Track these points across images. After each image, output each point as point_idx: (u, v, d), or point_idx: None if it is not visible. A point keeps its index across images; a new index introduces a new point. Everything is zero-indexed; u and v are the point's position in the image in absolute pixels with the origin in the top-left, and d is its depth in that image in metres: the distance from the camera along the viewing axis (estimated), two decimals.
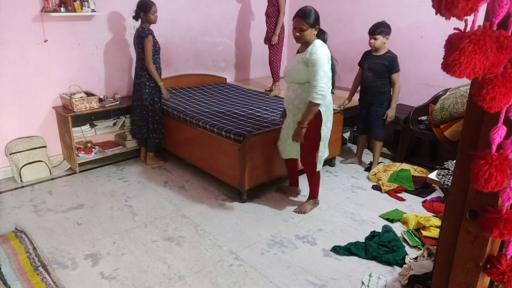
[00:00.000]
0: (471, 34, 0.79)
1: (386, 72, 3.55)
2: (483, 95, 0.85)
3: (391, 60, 3.52)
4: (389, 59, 3.52)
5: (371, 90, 3.67)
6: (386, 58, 3.53)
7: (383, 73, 3.56)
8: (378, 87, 3.62)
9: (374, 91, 3.65)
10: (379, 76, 3.58)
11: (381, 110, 3.67)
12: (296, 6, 5.40)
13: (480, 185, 0.92)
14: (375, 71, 3.58)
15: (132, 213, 3.11)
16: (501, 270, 1.07)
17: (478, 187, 0.93)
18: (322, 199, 3.37)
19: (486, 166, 0.90)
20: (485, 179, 0.91)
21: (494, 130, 0.93)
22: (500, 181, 0.90)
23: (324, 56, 2.67)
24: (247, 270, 2.48)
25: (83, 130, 3.86)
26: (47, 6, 3.49)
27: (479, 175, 0.91)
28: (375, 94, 3.66)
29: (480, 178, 0.91)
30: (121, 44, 4.15)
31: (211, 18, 4.86)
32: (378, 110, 3.69)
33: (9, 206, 3.21)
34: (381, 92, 3.64)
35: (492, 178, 0.90)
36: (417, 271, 2.33)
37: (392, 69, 3.52)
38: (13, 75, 3.53)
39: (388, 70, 3.53)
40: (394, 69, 3.52)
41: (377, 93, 3.65)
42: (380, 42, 3.49)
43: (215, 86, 4.88)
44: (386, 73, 3.55)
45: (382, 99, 3.66)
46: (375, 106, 3.69)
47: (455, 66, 0.79)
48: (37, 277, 2.35)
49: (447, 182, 1.93)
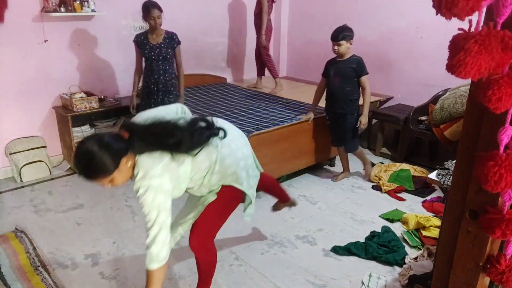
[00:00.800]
0: (476, 34, 0.78)
1: (355, 77, 3.32)
2: (489, 96, 0.84)
3: (358, 62, 3.30)
4: (356, 62, 3.30)
5: (340, 98, 3.40)
6: (353, 61, 3.31)
7: (351, 77, 3.33)
8: (347, 94, 3.37)
9: (343, 98, 3.39)
10: (347, 81, 3.35)
11: (353, 120, 3.42)
12: (296, 6, 5.44)
13: (490, 186, 0.91)
14: (342, 76, 3.35)
15: (132, 213, 3.11)
16: (500, 270, 1.07)
17: (488, 188, 0.92)
18: (322, 199, 3.37)
19: (496, 167, 0.89)
20: (495, 181, 0.90)
21: (502, 131, 0.92)
22: (510, 182, 0.90)
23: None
24: (247, 270, 2.48)
25: (83, 130, 3.86)
26: (47, 6, 3.49)
27: (488, 176, 0.90)
28: (345, 102, 3.40)
29: (490, 179, 0.90)
30: (121, 44, 4.15)
31: (211, 18, 4.86)
32: (349, 120, 3.43)
33: (9, 206, 3.21)
34: (351, 100, 3.40)
35: (502, 179, 0.89)
36: (417, 271, 2.33)
37: (361, 72, 3.30)
38: (13, 75, 3.53)
39: (356, 73, 3.31)
40: (363, 72, 3.30)
41: (347, 101, 3.39)
42: (345, 48, 3.25)
43: (215, 86, 4.88)
44: (355, 77, 3.32)
45: (352, 108, 3.41)
46: (346, 116, 3.43)
47: (460, 66, 0.78)
48: (37, 277, 2.35)
49: (447, 182, 1.93)
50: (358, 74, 3.32)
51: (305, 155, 3.63)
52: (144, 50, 3.44)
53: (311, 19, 5.19)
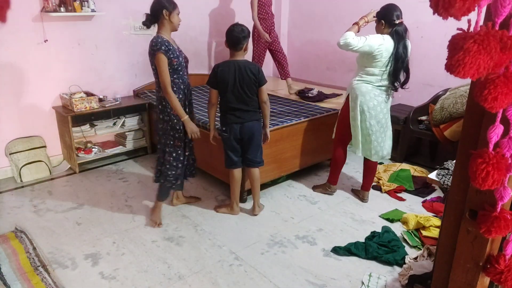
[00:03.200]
0: (475, 34, 0.78)
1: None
2: (485, 95, 0.85)
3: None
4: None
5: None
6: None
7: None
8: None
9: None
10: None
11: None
12: (296, 6, 5.44)
13: (478, 183, 0.93)
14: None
15: (132, 213, 3.11)
16: (499, 270, 1.07)
17: (476, 185, 0.94)
18: (322, 199, 3.37)
19: (484, 164, 0.91)
20: (482, 178, 0.91)
21: (491, 129, 0.93)
22: (497, 179, 0.91)
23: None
24: (247, 270, 2.48)
25: (83, 130, 3.86)
26: (47, 6, 3.49)
27: (476, 173, 0.92)
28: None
29: (478, 176, 0.92)
30: (121, 44, 4.15)
31: (211, 18, 4.87)
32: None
33: (9, 206, 3.21)
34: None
35: (489, 176, 0.91)
36: (417, 271, 2.33)
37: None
38: (13, 75, 3.53)
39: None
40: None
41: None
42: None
43: None
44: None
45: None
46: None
47: (459, 66, 0.78)
48: (37, 277, 2.35)
49: (447, 182, 1.93)
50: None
51: (305, 155, 3.63)
52: (178, 58, 2.69)
53: (311, 19, 5.19)
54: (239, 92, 2.75)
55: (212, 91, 2.83)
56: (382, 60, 2.83)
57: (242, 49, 2.74)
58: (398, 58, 2.83)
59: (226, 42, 2.76)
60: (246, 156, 2.95)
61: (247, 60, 2.80)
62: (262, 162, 3.01)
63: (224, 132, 2.89)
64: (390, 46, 2.82)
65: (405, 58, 2.86)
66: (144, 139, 4.30)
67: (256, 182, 3.04)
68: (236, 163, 2.97)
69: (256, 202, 3.10)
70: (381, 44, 2.79)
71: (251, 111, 2.83)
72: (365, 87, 2.93)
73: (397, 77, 2.90)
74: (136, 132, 4.22)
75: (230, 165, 2.99)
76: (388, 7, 2.86)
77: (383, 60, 2.83)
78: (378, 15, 2.90)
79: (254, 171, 3.00)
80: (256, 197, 3.09)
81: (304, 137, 3.55)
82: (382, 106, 2.99)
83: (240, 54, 2.76)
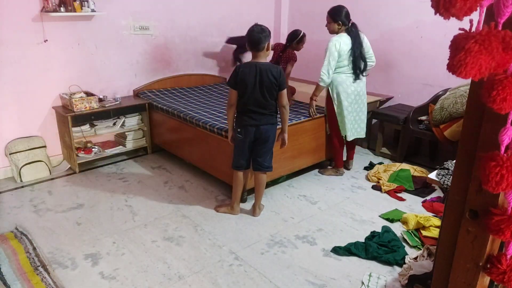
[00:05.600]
0: (477, 34, 0.78)
1: None
2: (493, 97, 0.83)
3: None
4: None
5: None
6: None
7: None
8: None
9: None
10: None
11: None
12: (296, 6, 5.44)
13: (491, 186, 0.91)
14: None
15: (132, 213, 3.11)
16: (501, 270, 1.07)
17: (489, 188, 0.92)
18: (322, 199, 3.37)
19: (497, 167, 0.89)
20: (497, 181, 0.89)
21: (503, 132, 0.91)
22: (511, 182, 0.89)
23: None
24: (247, 270, 2.48)
25: (83, 130, 3.86)
26: (47, 6, 3.49)
27: (490, 177, 0.90)
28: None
29: (491, 180, 0.90)
30: (121, 44, 4.15)
31: (211, 18, 4.86)
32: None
33: (9, 206, 3.21)
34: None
35: (503, 179, 0.89)
36: (417, 271, 2.32)
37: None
38: (13, 75, 3.53)
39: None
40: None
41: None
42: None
43: (215, 86, 4.88)
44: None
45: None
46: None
47: (461, 66, 0.78)
48: (37, 277, 2.35)
49: (447, 182, 1.93)
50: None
51: (305, 155, 3.63)
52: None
53: (311, 19, 5.19)
54: (258, 95, 2.70)
55: (231, 91, 2.78)
56: (346, 55, 3.36)
57: (264, 49, 2.67)
58: (355, 50, 3.36)
59: (247, 44, 2.70)
60: (256, 159, 2.92)
61: (269, 63, 2.74)
62: (270, 168, 2.98)
63: (239, 134, 2.85)
64: (348, 41, 3.33)
65: (360, 49, 3.39)
66: (144, 139, 4.30)
67: (261, 187, 3.02)
68: (242, 166, 2.96)
69: (257, 205, 3.09)
70: (338, 46, 3.31)
71: (268, 114, 2.79)
72: (340, 77, 3.45)
73: (357, 65, 3.43)
74: (136, 132, 4.22)
75: (237, 166, 2.97)
76: (339, 9, 3.34)
77: (347, 54, 3.36)
78: (333, 17, 3.35)
79: (261, 176, 2.98)
80: (258, 200, 3.08)
81: (304, 137, 3.55)
82: (353, 89, 3.50)
83: (262, 55, 2.69)
